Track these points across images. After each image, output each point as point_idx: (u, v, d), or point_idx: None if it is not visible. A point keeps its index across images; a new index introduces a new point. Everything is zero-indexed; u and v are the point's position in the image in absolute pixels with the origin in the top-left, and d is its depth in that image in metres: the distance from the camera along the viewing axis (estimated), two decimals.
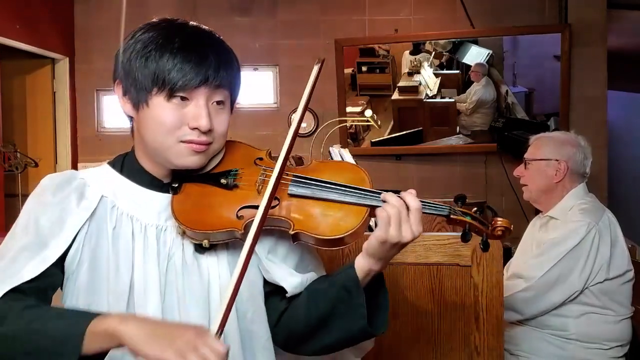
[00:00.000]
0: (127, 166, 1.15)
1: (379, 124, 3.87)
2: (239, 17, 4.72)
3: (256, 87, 4.79)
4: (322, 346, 1.12)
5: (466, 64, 4.52)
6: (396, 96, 4.59)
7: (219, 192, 1.10)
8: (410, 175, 4.69)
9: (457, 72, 4.54)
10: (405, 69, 4.57)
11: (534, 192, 2.29)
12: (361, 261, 1.08)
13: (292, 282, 1.12)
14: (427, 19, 4.60)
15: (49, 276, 1.02)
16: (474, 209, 1.09)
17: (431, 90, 4.55)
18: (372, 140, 4.67)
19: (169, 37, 1.05)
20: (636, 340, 2.24)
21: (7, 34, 4.05)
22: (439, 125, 4.59)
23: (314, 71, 1.13)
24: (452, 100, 4.53)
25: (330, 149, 2.14)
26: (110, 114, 4.83)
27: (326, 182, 1.09)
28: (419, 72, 4.56)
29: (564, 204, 2.21)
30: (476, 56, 4.48)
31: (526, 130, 4.27)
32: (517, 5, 4.47)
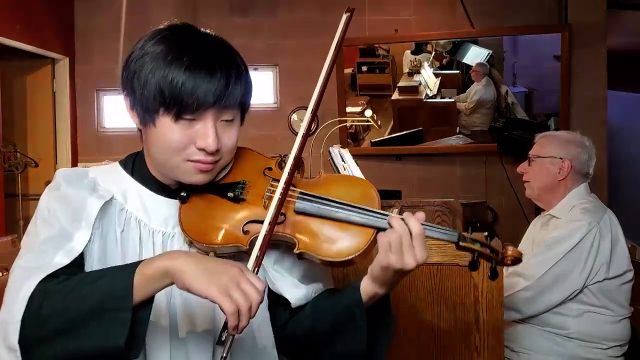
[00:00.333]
0: (137, 168, 1.14)
1: (379, 124, 3.87)
2: (239, 17, 4.72)
3: (256, 87, 4.77)
4: (325, 359, 1.13)
5: (466, 64, 4.52)
6: (396, 96, 4.59)
7: (226, 204, 1.09)
8: (410, 175, 4.69)
9: (457, 72, 4.54)
10: (405, 69, 4.58)
11: (536, 189, 2.29)
12: (366, 284, 1.06)
13: (297, 294, 1.12)
14: (427, 19, 4.60)
15: (76, 266, 1.01)
16: (484, 234, 1.04)
17: (431, 90, 4.55)
18: (372, 140, 4.67)
19: (177, 54, 1.02)
20: (635, 340, 2.24)
21: (7, 34, 4.06)
22: (439, 125, 4.59)
23: (343, 20, 1.07)
24: (452, 100, 4.53)
25: (330, 149, 2.14)
26: (110, 114, 4.84)
27: (333, 201, 1.07)
28: (419, 72, 4.56)
29: (565, 202, 2.22)
30: (476, 56, 4.48)
31: (526, 130, 4.27)
32: (517, 5, 4.48)
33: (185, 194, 1.09)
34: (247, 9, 4.73)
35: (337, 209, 1.05)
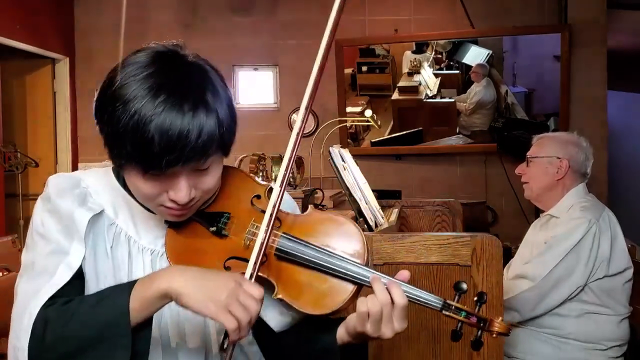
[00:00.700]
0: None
1: (379, 124, 3.86)
2: (239, 17, 4.73)
3: (256, 87, 4.79)
4: None
5: (466, 64, 4.52)
6: (396, 96, 4.60)
7: (210, 236, 1.07)
8: (410, 175, 4.69)
9: (457, 72, 4.54)
10: (405, 69, 4.58)
11: (535, 190, 2.30)
12: (342, 332, 1.06)
13: (281, 321, 1.11)
14: (427, 19, 4.61)
15: (76, 277, 1.01)
16: (474, 298, 0.99)
17: (431, 90, 4.56)
18: (372, 140, 4.67)
19: (148, 102, 0.91)
20: (635, 340, 2.24)
21: (7, 34, 4.06)
22: (438, 125, 4.60)
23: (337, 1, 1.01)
24: (452, 100, 4.54)
25: (330, 149, 2.13)
26: None
27: (316, 248, 1.02)
28: (418, 72, 4.56)
29: (564, 202, 2.23)
30: (476, 56, 4.48)
31: (526, 130, 4.27)
32: (517, 5, 4.48)
33: None
34: (247, 9, 4.73)
35: (320, 259, 1.01)
